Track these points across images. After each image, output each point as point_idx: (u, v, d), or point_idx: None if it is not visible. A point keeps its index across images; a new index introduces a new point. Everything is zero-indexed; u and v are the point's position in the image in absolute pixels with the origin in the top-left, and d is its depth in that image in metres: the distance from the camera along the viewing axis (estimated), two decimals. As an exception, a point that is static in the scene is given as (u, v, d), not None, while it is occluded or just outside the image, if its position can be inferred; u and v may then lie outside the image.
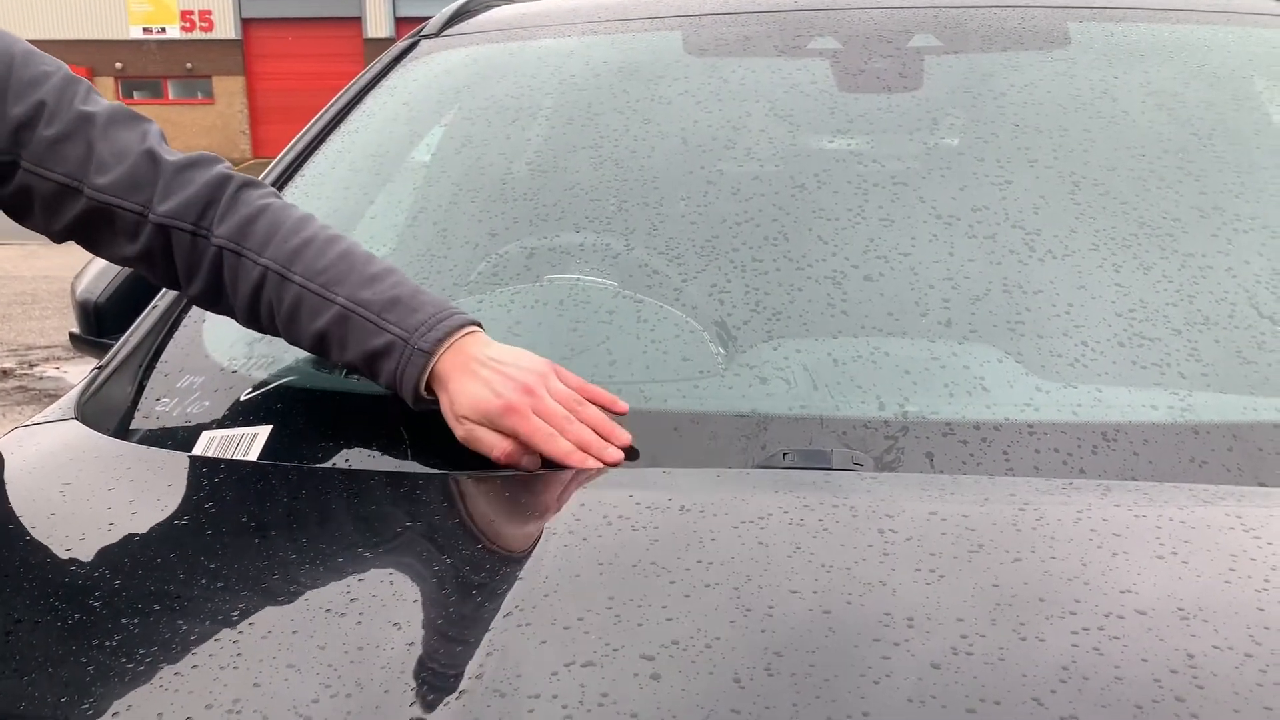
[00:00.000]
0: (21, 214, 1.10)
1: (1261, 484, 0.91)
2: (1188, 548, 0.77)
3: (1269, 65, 1.51)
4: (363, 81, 1.69)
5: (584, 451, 0.95)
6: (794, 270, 1.16)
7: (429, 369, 0.98)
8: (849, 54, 1.48)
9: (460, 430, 0.98)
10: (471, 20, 1.80)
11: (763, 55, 1.51)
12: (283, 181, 1.50)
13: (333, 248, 1.04)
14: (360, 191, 1.49)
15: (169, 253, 1.06)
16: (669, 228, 1.26)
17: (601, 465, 0.95)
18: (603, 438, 0.97)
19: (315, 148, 1.56)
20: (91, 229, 1.08)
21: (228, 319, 1.12)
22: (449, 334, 0.99)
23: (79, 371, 5.93)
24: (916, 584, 0.71)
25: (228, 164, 1.12)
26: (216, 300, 1.09)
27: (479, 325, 1.02)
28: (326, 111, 1.63)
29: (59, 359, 6.79)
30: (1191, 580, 0.72)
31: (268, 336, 1.13)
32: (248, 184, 1.09)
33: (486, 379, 0.97)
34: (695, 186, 1.31)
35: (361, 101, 1.64)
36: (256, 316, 1.06)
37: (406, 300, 1.01)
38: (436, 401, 1.00)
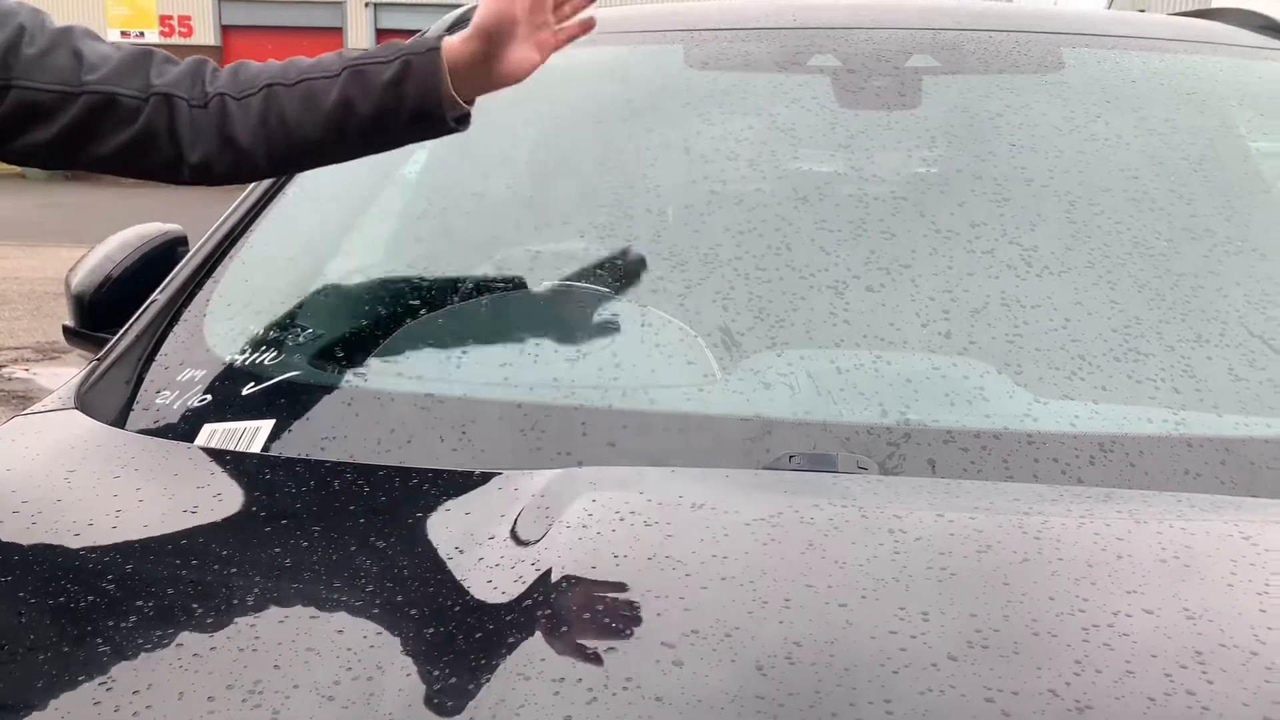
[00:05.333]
0: (8, 136, 1.11)
1: (1254, 495, 0.94)
2: (1190, 553, 0.79)
3: (1252, 93, 1.56)
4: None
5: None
6: (797, 280, 1.18)
7: (445, 56, 1.07)
8: (848, 72, 1.50)
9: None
10: None
11: (763, 71, 1.53)
12: (277, 184, 1.50)
13: (313, 58, 1.14)
14: (356, 197, 1.50)
15: (173, 125, 1.11)
16: (672, 236, 1.28)
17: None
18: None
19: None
20: (89, 125, 1.10)
21: (228, 314, 1.12)
22: (440, 32, 1.14)
23: (49, 374, 5.85)
24: (929, 581, 0.73)
25: None
26: (220, 158, 1.12)
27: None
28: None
29: (28, 360, 6.69)
30: (1195, 583, 0.74)
31: (269, 331, 1.13)
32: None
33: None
34: (698, 196, 1.33)
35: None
36: (271, 142, 1.11)
37: (395, 42, 1.13)
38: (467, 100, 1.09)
